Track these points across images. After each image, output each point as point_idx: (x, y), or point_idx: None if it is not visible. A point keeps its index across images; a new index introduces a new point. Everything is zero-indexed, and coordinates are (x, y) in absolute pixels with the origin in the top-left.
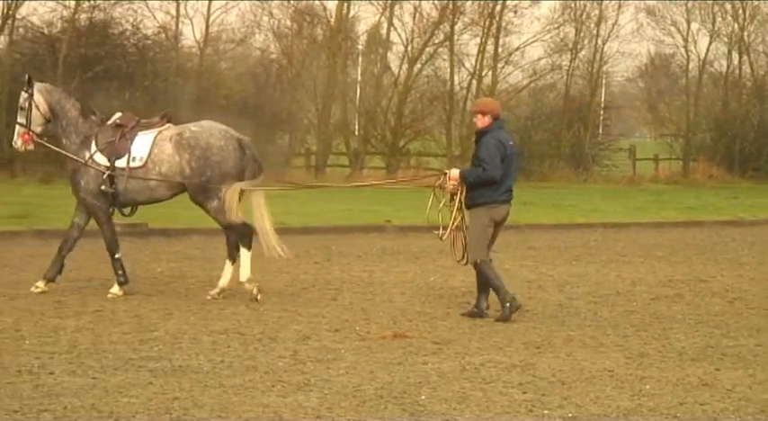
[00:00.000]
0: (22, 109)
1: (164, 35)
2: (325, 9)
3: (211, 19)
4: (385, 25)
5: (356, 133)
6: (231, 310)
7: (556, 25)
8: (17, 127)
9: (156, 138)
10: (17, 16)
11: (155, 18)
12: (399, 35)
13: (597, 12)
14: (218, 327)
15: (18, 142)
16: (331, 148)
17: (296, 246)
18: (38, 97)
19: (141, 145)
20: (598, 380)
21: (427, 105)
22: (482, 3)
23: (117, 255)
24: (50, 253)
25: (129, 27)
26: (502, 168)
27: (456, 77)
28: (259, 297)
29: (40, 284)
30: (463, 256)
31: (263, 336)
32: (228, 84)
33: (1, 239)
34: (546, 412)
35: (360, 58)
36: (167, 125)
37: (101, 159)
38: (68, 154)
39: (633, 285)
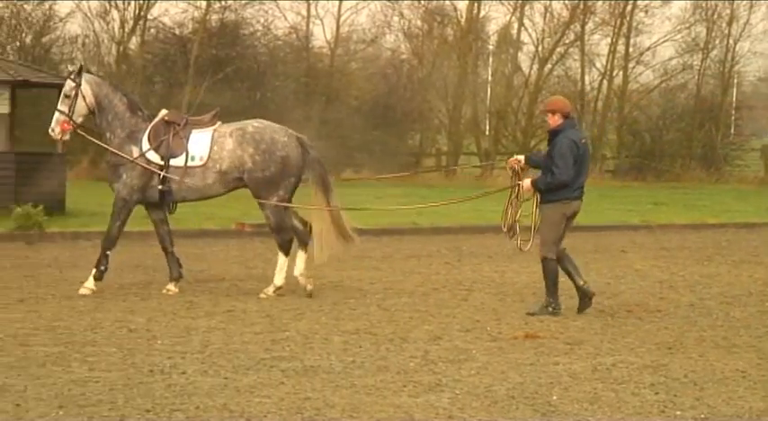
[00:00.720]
0: (66, 97)
1: (294, 36)
2: (455, 9)
3: (342, 19)
4: (515, 25)
5: (487, 133)
6: (362, 311)
7: (687, 25)
8: (57, 114)
9: (214, 136)
10: (149, 17)
11: (285, 19)
12: (530, 35)
13: (728, 11)
14: (349, 328)
15: (56, 130)
16: (462, 148)
17: (427, 247)
18: (85, 88)
19: (200, 144)
20: (731, 381)
21: None
22: (613, 2)
23: (109, 252)
24: (183, 252)
25: (260, 28)
26: (574, 167)
27: (587, 77)
28: (269, 293)
29: (171, 287)
30: (524, 243)
31: (394, 337)
32: (359, 84)
33: (134, 240)
34: (678, 413)
35: (490, 58)
36: (218, 123)
37: (153, 157)
38: (114, 150)
39: (766, 286)
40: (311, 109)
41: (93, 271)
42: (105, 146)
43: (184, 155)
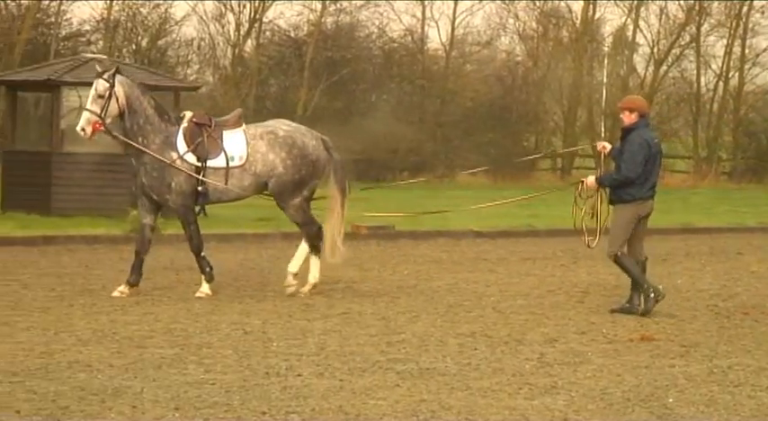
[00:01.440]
0: (100, 97)
1: (409, 38)
2: (570, 11)
3: (457, 21)
4: (630, 27)
5: (602, 135)
6: (478, 313)
7: None
8: (86, 113)
9: (246, 136)
10: (264, 19)
11: (400, 21)
12: (645, 37)
13: None
14: (464, 330)
15: (88, 129)
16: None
17: (542, 249)
18: (119, 89)
19: (236, 143)
20: None
21: (674, 107)
22: (728, 3)
23: (203, 254)
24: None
25: (375, 30)
26: (645, 167)
27: (702, 79)
28: (289, 291)
29: (125, 290)
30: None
31: (509, 339)
32: (474, 86)
33: (249, 242)
34: None
35: (605, 60)
36: (244, 124)
37: (191, 159)
38: (152, 152)
39: None
40: (426, 111)
41: (203, 276)
42: (143, 148)
43: (223, 155)
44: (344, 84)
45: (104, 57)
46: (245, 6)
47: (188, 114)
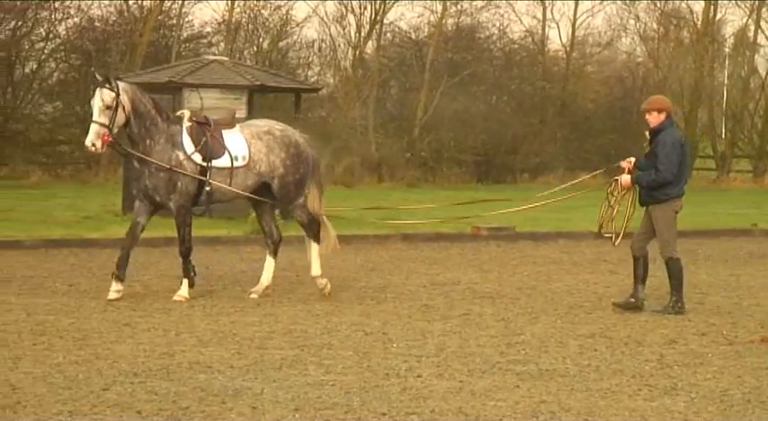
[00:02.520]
0: (108, 108)
1: (530, 39)
2: (691, 12)
3: (577, 22)
4: (752, 28)
5: (723, 136)
6: (598, 314)
7: None
8: (95, 126)
9: (244, 136)
10: (384, 21)
11: (521, 22)
12: (767, 37)
13: None
14: (584, 331)
15: (98, 144)
16: (698, 151)
17: None
18: (123, 97)
19: (237, 143)
20: None
21: None
22: None
23: (190, 258)
24: (419, 256)
25: (496, 31)
26: (678, 166)
27: None
28: (328, 291)
29: (118, 287)
30: (616, 237)
31: (629, 340)
32: (595, 87)
33: (370, 243)
34: None
35: (726, 61)
36: (237, 125)
37: (198, 159)
38: (151, 158)
39: None
40: (546, 112)
41: (185, 280)
42: (143, 156)
43: (227, 155)
44: (465, 85)
45: (226, 58)
46: (365, 8)
47: (186, 113)
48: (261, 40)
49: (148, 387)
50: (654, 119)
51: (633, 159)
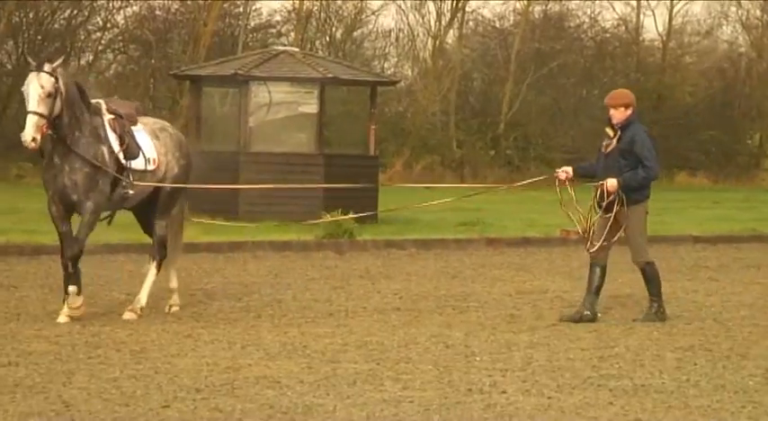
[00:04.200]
0: (48, 96)
1: (623, 28)
2: None
3: (675, 10)
4: None
5: None
6: (697, 325)
7: None
8: (35, 118)
9: (147, 133)
10: (467, 9)
11: (614, 10)
12: None
13: None
14: (683, 343)
15: (38, 138)
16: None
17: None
18: (62, 82)
19: (146, 143)
20: None
21: None
22: None
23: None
24: (504, 262)
25: (587, 20)
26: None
27: None
28: (174, 310)
29: (73, 304)
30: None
31: (731, 353)
32: (693, 80)
33: (451, 248)
34: None
35: None
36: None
37: (121, 157)
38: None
39: None
40: (641, 106)
41: (74, 288)
42: (73, 149)
43: (142, 156)
44: (553, 77)
45: (296, 49)
46: None
47: (102, 103)
48: (334, 29)
49: (212, 404)
50: (620, 114)
51: (570, 169)
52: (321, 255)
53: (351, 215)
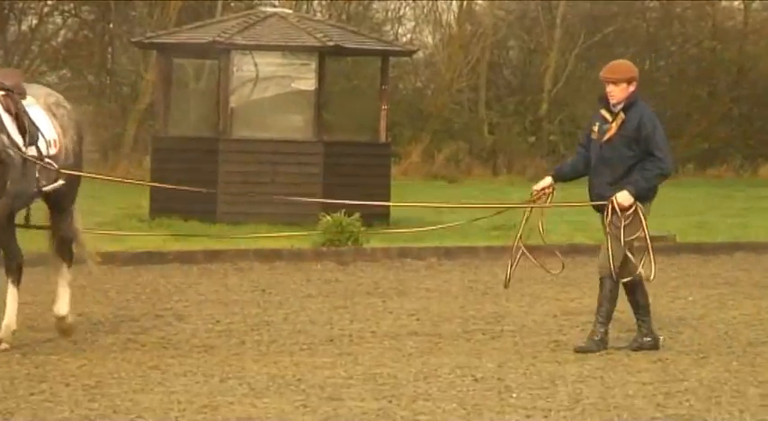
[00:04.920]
0: None
1: None
2: None
3: None
4: None
5: None
6: None
7: None
8: None
9: (43, 110)
10: None
11: None
12: None
13: None
14: None
15: None
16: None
17: None
18: None
19: (43, 120)
20: None
21: None
22: None
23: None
24: (543, 275)
25: None
26: None
27: None
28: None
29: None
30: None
31: None
32: None
33: (481, 257)
34: None
35: None
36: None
37: (20, 143)
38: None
39: None
40: (718, 82)
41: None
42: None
43: (42, 138)
44: (608, 46)
45: (289, 11)
46: None
47: None
48: None
49: None
50: (622, 92)
51: (549, 179)
52: (319, 267)
53: (356, 217)
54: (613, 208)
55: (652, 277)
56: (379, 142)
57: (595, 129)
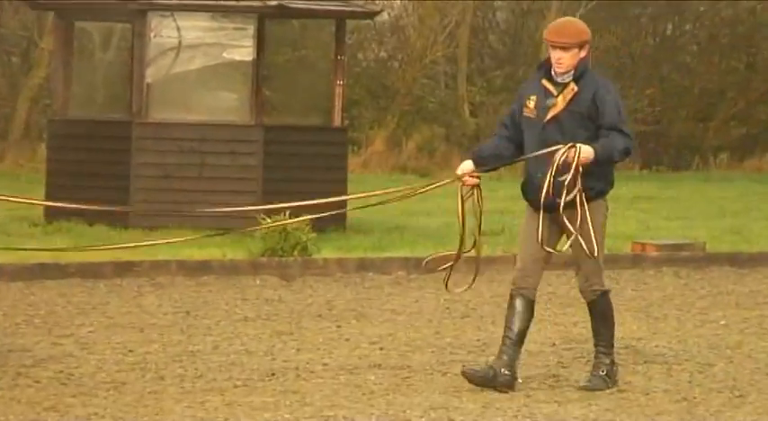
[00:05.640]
0: None
1: None
2: None
3: None
4: None
5: None
6: None
7: None
8: None
9: None
10: None
11: None
12: None
13: None
14: None
15: None
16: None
17: None
18: None
19: None
20: None
21: None
22: None
23: None
24: (540, 291)
25: None
26: None
27: None
28: None
29: None
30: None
31: None
32: None
33: (462, 270)
34: None
35: None
36: None
37: None
38: None
39: None
40: (758, 51)
41: None
42: None
43: None
44: (620, 7)
45: None
46: None
47: None
48: None
49: None
50: (572, 58)
51: (471, 163)
52: (258, 283)
53: (305, 220)
54: (566, 159)
55: None
56: (334, 126)
57: (531, 104)
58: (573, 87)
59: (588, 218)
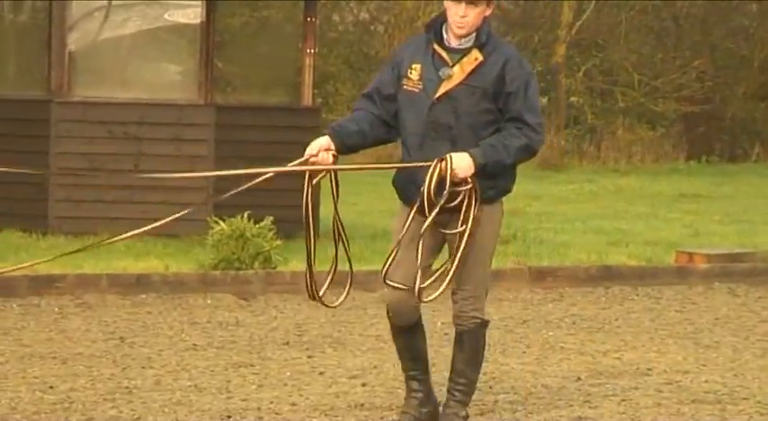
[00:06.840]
0: None
1: None
2: None
3: None
4: None
5: None
6: None
7: None
8: None
9: None
10: None
11: None
12: None
13: None
14: None
15: None
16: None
17: None
18: None
19: None
20: None
21: None
22: None
23: None
24: (563, 313)
25: None
26: None
27: None
28: None
29: None
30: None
31: None
32: None
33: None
34: None
35: None
36: None
37: None
38: None
39: None
40: None
41: None
42: None
43: None
44: None
45: None
46: None
47: None
48: None
49: None
50: (477, 17)
51: (327, 140)
52: (210, 302)
53: (268, 223)
54: (441, 175)
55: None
56: (303, 106)
57: (414, 75)
58: (476, 56)
59: (480, 222)
